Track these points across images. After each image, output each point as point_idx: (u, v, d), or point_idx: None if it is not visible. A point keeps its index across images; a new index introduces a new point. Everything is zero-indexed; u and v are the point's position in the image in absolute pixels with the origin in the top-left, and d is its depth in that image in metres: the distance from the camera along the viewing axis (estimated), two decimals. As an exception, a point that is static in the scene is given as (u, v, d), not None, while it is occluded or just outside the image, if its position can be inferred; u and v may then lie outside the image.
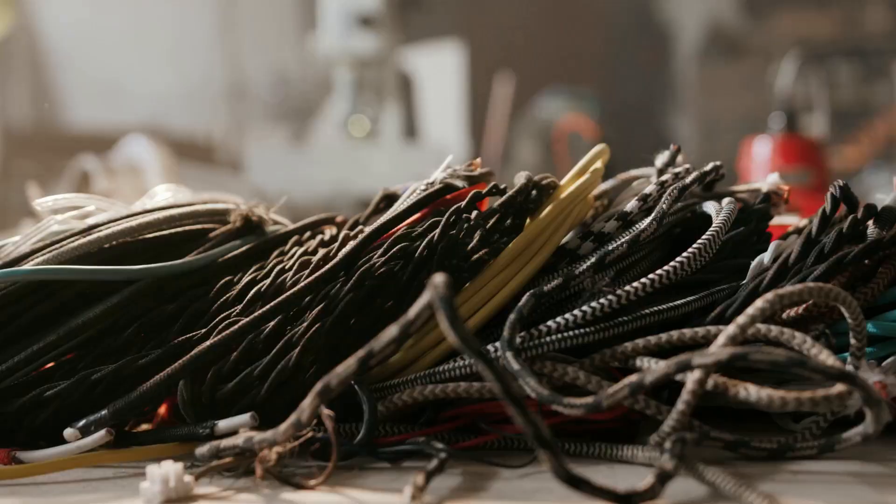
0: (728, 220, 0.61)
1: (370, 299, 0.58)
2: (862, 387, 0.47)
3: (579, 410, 0.49)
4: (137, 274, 0.60)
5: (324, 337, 0.57)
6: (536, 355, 0.55)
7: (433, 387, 0.55)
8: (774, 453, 0.53)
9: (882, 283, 0.58)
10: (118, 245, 0.63)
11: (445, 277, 0.43)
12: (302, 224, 0.69)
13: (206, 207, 0.68)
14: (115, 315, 0.60)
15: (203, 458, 0.52)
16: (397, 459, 0.54)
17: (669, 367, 0.48)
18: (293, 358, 0.56)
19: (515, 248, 0.60)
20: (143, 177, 1.54)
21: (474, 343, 0.43)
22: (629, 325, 0.56)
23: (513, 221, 0.62)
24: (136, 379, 0.56)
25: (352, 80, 2.53)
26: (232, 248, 0.65)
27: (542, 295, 0.57)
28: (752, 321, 0.51)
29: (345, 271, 0.59)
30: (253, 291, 0.61)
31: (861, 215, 0.60)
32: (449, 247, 0.59)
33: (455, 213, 0.61)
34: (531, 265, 0.60)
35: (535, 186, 0.64)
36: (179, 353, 0.57)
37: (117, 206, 0.67)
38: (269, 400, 0.57)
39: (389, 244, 0.60)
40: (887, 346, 0.57)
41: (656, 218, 0.61)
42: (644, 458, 0.52)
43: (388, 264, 0.59)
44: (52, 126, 3.93)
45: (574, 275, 0.58)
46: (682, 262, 0.58)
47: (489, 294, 0.59)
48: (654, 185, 0.64)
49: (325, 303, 0.58)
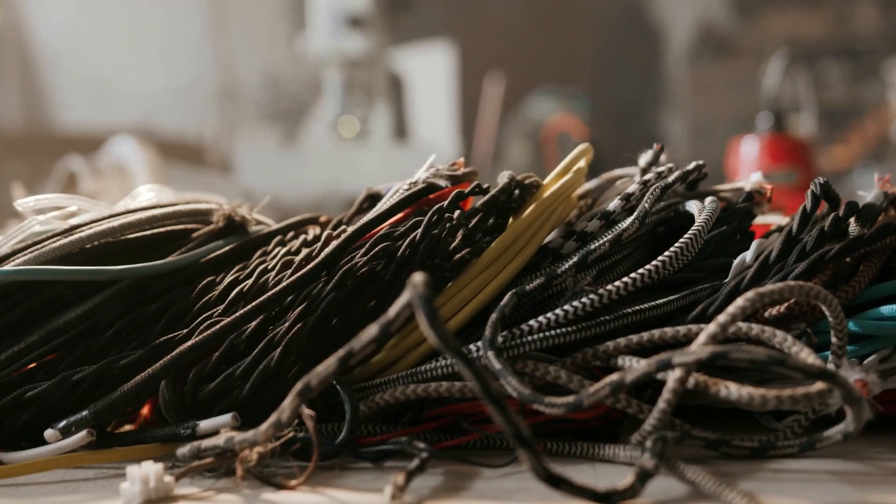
0: (710, 220, 0.61)
1: (352, 299, 0.58)
2: (841, 385, 0.47)
3: (560, 410, 0.49)
4: (119, 274, 0.60)
5: (305, 337, 0.57)
6: (518, 354, 0.55)
7: (415, 386, 0.55)
8: (756, 452, 0.53)
9: (863, 280, 0.58)
10: (100, 245, 0.63)
11: (425, 277, 0.43)
12: (285, 224, 0.69)
13: (188, 208, 0.68)
14: (96, 315, 0.59)
15: (184, 458, 0.52)
16: (379, 459, 0.54)
17: (650, 365, 0.48)
18: (275, 358, 0.56)
19: (498, 248, 0.60)
20: (131, 178, 1.53)
21: (453, 342, 0.43)
22: (611, 324, 0.56)
23: (496, 221, 0.62)
24: (117, 379, 0.56)
25: (341, 81, 2.52)
26: (214, 249, 0.65)
27: (524, 294, 0.57)
28: (732, 319, 0.51)
29: (327, 271, 0.59)
30: (235, 291, 0.60)
31: (842, 213, 0.60)
32: (431, 246, 0.59)
33: (437, 213, 0.61)
34: (513, 264, 0.60)
35: (517, 186, 0.64)
36: (161, 354, 0.56)
37: (100, 206, 0.67)
38: (251, 400, 0.56)
39: (372, 244, 0.60)
40: (869, 344, 0.57)
41: (638, 217, 0.61)
42: (625, 457, 0.52)
43: (370, 264, 0.59)
44: (43, 127, 3.91)
45: (556, 274, 0.58)
46: (664, 261, 0.58)
47: (471, 293, 0.59)
48: (636, 185, 0.64)
49: (306, 303, 0.58)
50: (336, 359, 0.46)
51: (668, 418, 0.51)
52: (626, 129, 4.30)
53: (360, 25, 2.52)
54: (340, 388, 0.55)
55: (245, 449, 0.50)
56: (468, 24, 3.90)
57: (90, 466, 0.56)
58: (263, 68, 3.84)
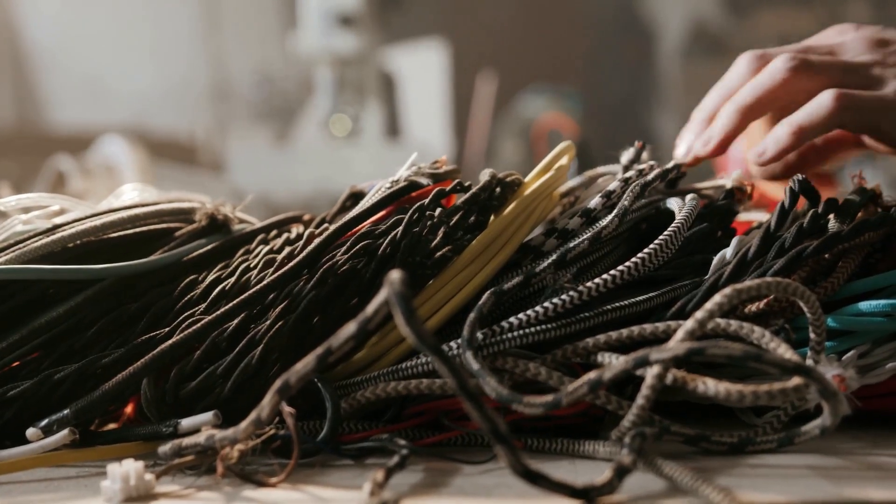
0: (689, 217, 0.61)
1: (333, 297, 0.58)
2: (817, 380, 0.47)
3: (539, 409, 0.49)
4: (101, 273, 0.60)
5: (287, 335, 0.57)
6: (498, 351, 0.55)
7: (395, 384, 0.56)
8: (734, 447, 0.53)
9: (842, 276, 0.58)
10: (82, 244, 0.63)
11: (402, 274, 0.43)
12: (268, 222, 0.69)
13: (170, 206, 0.68)
14: (79, 314, 0.60)
15: (165, 456, 0.52)
16: (360, 456, 0.55)
17: (628, 362, 0.49)
18: (256, 356, 0.56)
19: (479, 245, 0.60)
20: (120, 177, 1.54)
21: (430, 339, 0.43)
22: (590, 321, 0.56)
23: (477, 218, 0.62)
24: (100, 378, 0.57)
25: (332, 80, 2.53)
26: (197, 247, 0.65)
27: (503, 293, 0.57)
28: (710, 316, 0.51)
29: (308, 269, 0.59)
30: (217, 290, 0.61)
31: (822, 209, 0.60)
32: (412, 244, 0.59)
33: (418, 211, 0.61)
34: (494, 262, 0.60)
35: (499, 183, 0.64)
36: (142, 352, 0.57)
37: (82, 205, 0.67)
38: (233, 398, 0.57)
39: (353, 242, 0.60)
40: (848, 339, 0.57)
41: (618, 214, 0.61)
42: (605, 453, 0.52)
43: (350, 262, 0.59)
44: (35, 126, 3.91)
45: (535, 272, 0.59)
46: (644, 258, 0.58)
47: (452, 291, 0.59)
48: (617, 182, 0.64)
49: (287, 300, 0.58)
50: (315, 356, 0.46)
51: (647, 414, 0.52)
52: (619, 126, 4.30)
53: (350, 24, 2.52)
54: (321, 386, 0.55)
55: (226, 447, 0.50)
56: (460, 22, 3.91)
57: (72, 465, 0.56)
58: (256, 67, 3.84)
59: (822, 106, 0.63)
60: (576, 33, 4.63)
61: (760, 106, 0.66)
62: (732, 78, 0.68)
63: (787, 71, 0.64)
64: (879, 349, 0.57)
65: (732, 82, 0.68)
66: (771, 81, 0.65)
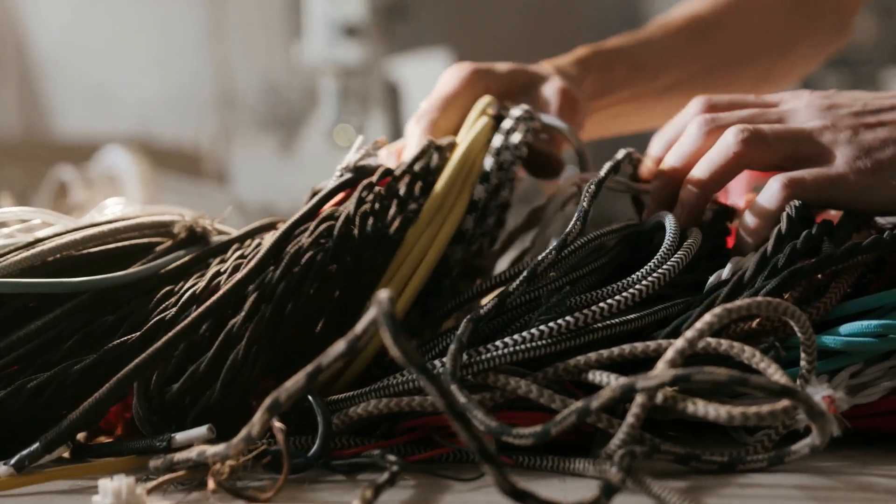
0: (694, 245, 0.62)
1: (301, 283, 0.59)
2: (804, 401, 0.47)
3: (529, 440, 0.50)
4: (79, 286, 0.61)
5: (266, 325, 0.58)
6: (489, 368, 0.56)
7: (387, 401, 0.56)
8: (725, 466, 0.53)
9: (835, 297, 0.58)
10: (62, 258, 0.63)
11: (390, 293, 0.43)
12: (244, 231, 0.70)
13: (151, 220, 0.68)
14: (56, 327, 0.60)
15: (157, 471, 0.53)
16: (352, 472, 0.55)
17: (615, 391, 0.49)
18: (241, 351, 0.57)
19: (432, 206, 0.63)
20: (122, 188, 1.54)
21: (417, 359, 0.43)
22: (581, 338, 0.57)
23: (424, 184, 0.65)
24: (76, 385, 0.57)
25: (337, 90, 2.53)
26: (174, 259, 0.65)
27: (480, 319, 0.57)
28: (700, 335, 0.52)
29: (274, 259, 0.60)
30: (187, 295, 0.61)
31: (815, 231, 0.61)
32: (366, 216, 0.61)
33: (366, 187, 0.63)
34: (450, 220, 0.64)
35: (436, 148, 0.67)
36: (115, 358, 0.57)
37: (64, 219, 0.68)
38: (223, 399, 0.57)
39: (315, 225, 0.61)
40: (840, 359, 0.57)
41: (579, 217, 0.61)
42: (595, 471, 0.53)
43: (314, 246, 0.60)
44: (41, 134, 3.92)
45: (508, 293, 0.59)
46: (648, 286, 0.59)
47: (418, 256, 0.62)
48: (571, 187, 0.66)
49: (258, 292, 0.58)
50: (305, 374, 0.47)
51: (637, 433, 0.52)
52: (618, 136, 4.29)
53: (355, 34, 2.53)
54: (313, 402, 0.55)
55: (217, 462, 0.50)
56: (466, 32, 3.91)
57: (65, 479, 0.56)
58: (261, 76, 3.85)
59: (772, 196, 0.64)
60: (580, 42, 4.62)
61: (716, 182, 0.66)
62: (685, 144, 0.69)
63: (739, 144, 0.64)
64: (871, 369, 0.57)
65: (685, 148, 0.69)
66: (724, 158, 0.65)
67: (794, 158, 0.65)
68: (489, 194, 0.67)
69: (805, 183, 0.63)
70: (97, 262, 0.64)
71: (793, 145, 0.65)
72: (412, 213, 0.63)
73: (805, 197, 0.63)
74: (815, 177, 0.63)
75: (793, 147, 0.65)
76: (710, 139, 0.67)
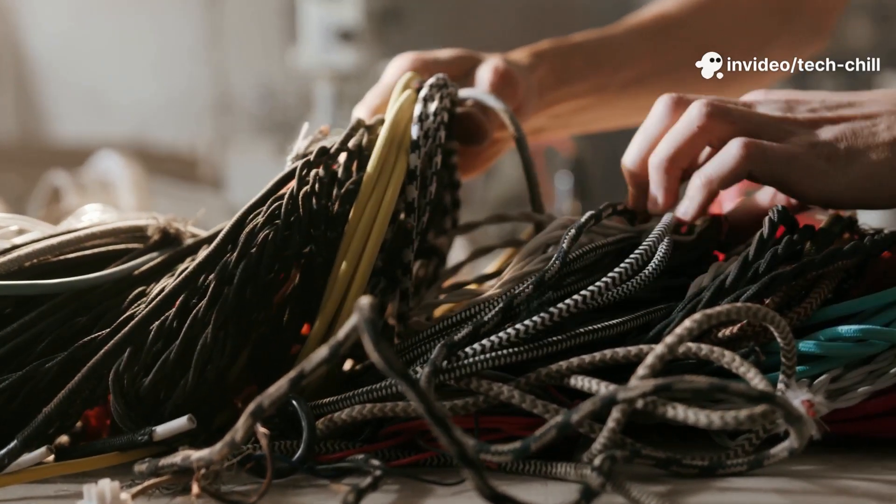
0: (670, 247, 0.62)
1: (259, 263, 0.60)
2: (781, 405, 0.48)
3: (507, 457, 0.50)
4: (54, 288, 0.61)
5: (230, 309, 0.58)
6: (471, 373, 0.56)
7: (371, 406, 0.56)
8: (705, 470, 0.54)
9: (815, 302, 0.59)
10: (39, 263, 0.64)
11: (372, 301, 0.44)
12: (214, 232, 0.70)
13: (127, 224, 0.69)
14: (31, 329, 0.60)
15: (142, 475, 0.53)
16: (337, 476, 0.55)
17: (595, 403, 0.49)
18: (209, 336, 0.58)
19: (371, 177, 0.64)
20: (115, 193, 1.55)
21: (398, 365, 0.44)
22: (563, 343, 0.57)
23: (359, 163, 0.66)
24: (50, 384, 0.58)
25: (332, 95, 2.54)
26: (148, 261, 0.66)
27: (454, 345, 0.58)
28: (679, 341, 0.52)
29: (231, 243, 0.61)
30: (154, 293, 0.62)
31: (796, 236, 0.61)
32: (309, 196, 0.62)
33: (305, 166, 0.64)
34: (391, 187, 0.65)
35: (366, 128, 0.69)
36: (85, 354, 0.58)
37: (42, 225, 0.68)
38: (198, 386, 0.58)
39: (267, 206, 0.62)
40: (821, 364, 0.58)
41: (559, 258, 0.62)
42: (576, 475, 0.53)
43: (268, 225, 0.61)
44: (38, 139, 3.92)
45: (483, 322, 0.59)
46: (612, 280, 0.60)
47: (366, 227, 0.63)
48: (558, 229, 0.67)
49: (219, 275, 0.59)
50: (287, 380, 0.47)
51: (619, 437, 0.53)
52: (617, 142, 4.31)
53: (350, 39, 2.54)
54: (298, 407, 0.56)
55: (201, 467, 0.51)
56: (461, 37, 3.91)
57: (51, 483, 0.56)
58: (258, 81, 3.85)
59: (730, 155, 0.64)
60: (577, 48, 4.62)
61: (682, 155, 0.67)
62: (652, 123, 0.70)
63: (703, 117, 0.65)
64: (851, 373, 0.58)
65: (652, 128, 0.70)
66: (688, 130, 0.66)
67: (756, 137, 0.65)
68: (424, 162, 0.68)
69: (764, 149, 0.64)
70: (74, 267, 0.64)
71: (755, 125, 0.66)
72: (354, 186, 0.64)
73: (760, 166, 0.64)
74: (773, 149, 0.64)
75: (754, 126, 0.66)
76: (677, 115, 0.68)
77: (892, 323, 0.58)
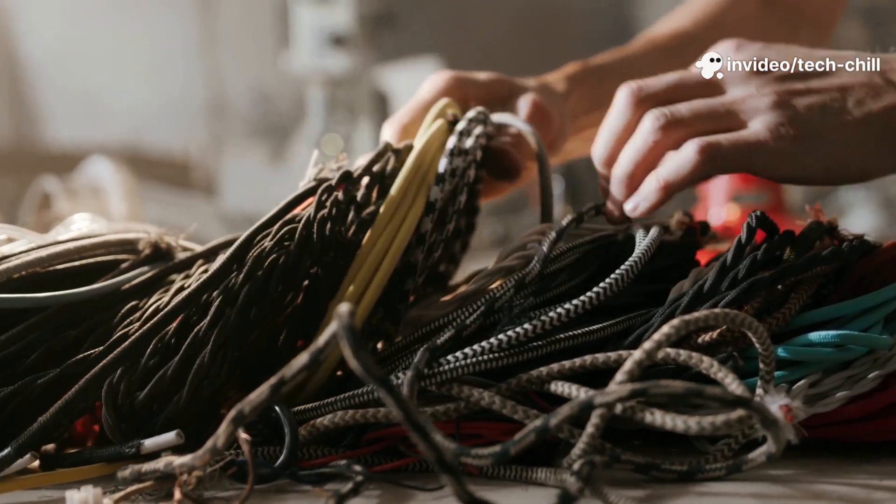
0: (648, 251, 0.63)
1: (265, 286, 0.60)
2: (757, 410, 0.48)
3: (487, 461, 0.50)
4: (42, 302, 0.61)
5: (230, 329, 0.58)
6: (452, 379, 0.56)
7: (353, 412, 0.57)
8: (684, 475, 0.54)
9: (794, 307, 0.59)
10: (28, 276, 0.64)
11: (350, 307, 0.44)
12: (208, 247, 0.70)
13: (117, 237, 0.69)
14: (20, 341, 0.60)
15: (125, 481, 0.53)
16: (319, 482, 0.55)
17: (573, 409, 0.50)
18: (206, 355, 0.58)
19: (389, 208, 0.64)
20: (105, 199, 1.55)
21: (376, 372, 0.44)
22: (544, 349, 0.58)
23: (380, 189, 0.66)
24: (39, 399, 0.58)
25: (324, 99, 2.54)
26: (139, 275, 0.66)
27: (437, 349, 0.58)
28: (657, 346, 0.53)
29: (237, 263, 0.61)
30: (151, 309, 0.62)
31: (776, 242, 0.62)
32: (325, 221, 0.62)
33: (326, 191, 0.64)
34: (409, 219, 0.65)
35: (393, 152, 0.69)
36: (78, 371, 0.58)
37: (30, 235, 0.68)
38: (191, 403, 0.58)
39: (277, 229, 0.62)
40: (800, 369, 0.58)
41: (539, 261, 0.62)
42: (555, 480, 0.54)
43: (277, 249, 0.61)
44: (32, 143, 3.92)
45: (465, 325, 0.59)
46: (599, 292, 0.60)
47: (377, 258, 0.63)
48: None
49: (222, 296, 0.59)
50: (268, 386, 0.48)
51: (598, 442, 0.53)
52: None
53: (343, 44, 2.54)
54: (280, 413, 0.56)
55: (184, 473, 0.51)
56: (455, 40, 3.92)
57: (34, 489, 0.57)
58: (252, 85, 3.85)
59: (686, 159, 0.64)
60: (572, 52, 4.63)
61: (641, 169, 0.67)
62: (613, 119, 0.70)
63: (657, 132, 0.66)
64: (830, 378, 0.58)
65: (614, 124, 0.70)
66: (644, 145, 0.66)
67: (715, 132, 0.65)
68: (446, 197, 0.67)
69: (721, 147, 0.63)
70: (63, 279, 0.65)
71: (712, 121, 0.66)
72: (370, 217, 0.64)
73: (721, 162, 0.64)
74: (732, 141, 0.64)
75: (712, 122, 0.65)
76: (638, 113, 0.68)
77: (870, 328, 0.59)
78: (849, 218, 3.15)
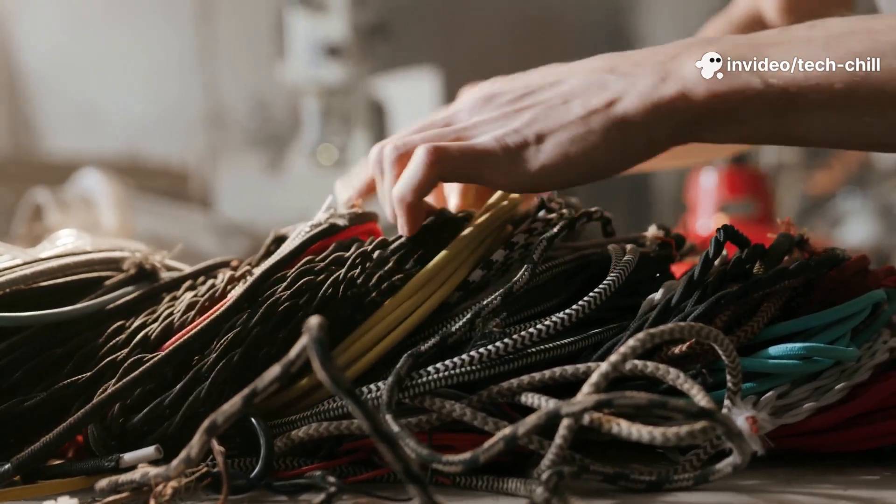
0: (625, 271, 0.64)
1: (276, 332, 0.61)
2: (720, 422, 0.49)
3: (458, 467, 0.51)
4: (25, 321, 0.62)
5: (233, 369, 0.59)
6: (425, 391, 0.57)
7: (328, 424, 0.58)
8: (652, 485, 0.55)
9: (762, 321, 0.60)
10: (11, 293, 0.65)
11: (320, 320, 0.45)
12: (196, 269, 0.71)
13: (101, 256, 0.70)
14: (2, 360, 0.62)
15: (102, 492, 0.54)
16: (294, 493, 0.56)
17: (540, 418, 0.51)
18: (203, 390, 0.59)
19: (416, 283, 0.63)
20: (96, 211, 1.56)
21: (344, 383, 0.45)
22: (515, 362, 0.59)
23: (420, 256, 0.65)
24: (23, 420, 0.59)
25: (319, 109, 2.56)
26: (123, 295, 0.67)
27: (420, 355, 0.59)
28: (623, 359, 0.54)
29: (249, 304, 0.61)
30: (140, 335, 0.63)
31: (745, 255, 0.63)
32: (352, 282, 0.62)
33: (361, 256, 0.64)
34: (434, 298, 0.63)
35: (446, 222, 0.68)
36: (66, 395, 0.59)
37: (14, 250, 0.69)
38: (182, 430, 0.59)
39: (294, 278, 0.62)
40: (767, 381, 0.59)
41: (528, 270, 0.63)
42: (525, 490, 0.54)
43: (293, 298, 0.61)
44: (29, 153, 3.94)
45: (450, 332, 0.60)
46: (578, 309, 0.61)
47: (393, 322, 0.62)
48: (521, 233, 0.67)
49: (231, 335, 0.60)
50: (241, 397, 0.49)
51: (567, 453, 0.54)
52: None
53: (337, 54, 2.56)
54: (256, 423, 0.57)
55: (159, 483, 0.52)
56: (450, 50, 3.94)
57: (15, 501, 0.58)
58: (249, 94, 3.87)
59: (415, 164, 0.64)
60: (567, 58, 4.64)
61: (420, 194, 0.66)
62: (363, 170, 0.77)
63: (394, 163, 0.67)
64: (797, 390, 0.59)
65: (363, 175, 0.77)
66: (386, 175, 0.68)
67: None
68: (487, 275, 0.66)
69: (450, 151, 0.64)
70: (47, 296, 0.66)
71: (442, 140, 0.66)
72: (400, 282, 0.63)
73: (448, 166, 0.64)
74: (461, 148, 0.64)
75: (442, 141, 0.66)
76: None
77: (837, 340, 0.60)
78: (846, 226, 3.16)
